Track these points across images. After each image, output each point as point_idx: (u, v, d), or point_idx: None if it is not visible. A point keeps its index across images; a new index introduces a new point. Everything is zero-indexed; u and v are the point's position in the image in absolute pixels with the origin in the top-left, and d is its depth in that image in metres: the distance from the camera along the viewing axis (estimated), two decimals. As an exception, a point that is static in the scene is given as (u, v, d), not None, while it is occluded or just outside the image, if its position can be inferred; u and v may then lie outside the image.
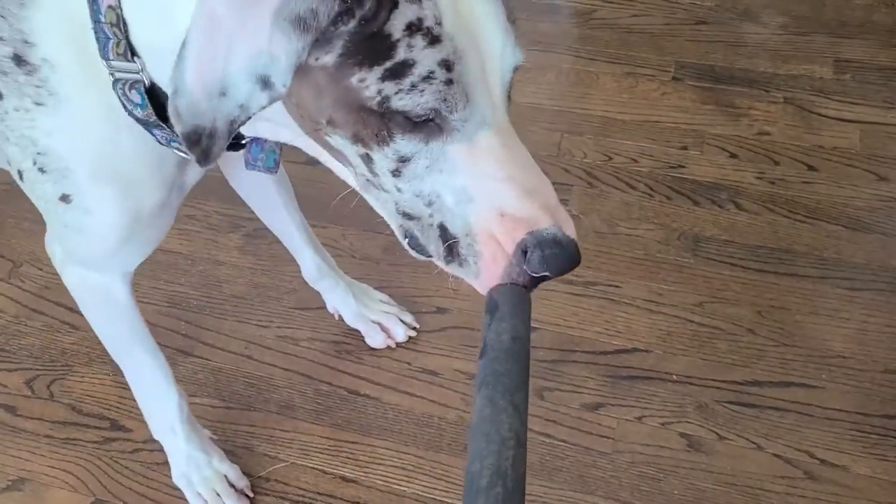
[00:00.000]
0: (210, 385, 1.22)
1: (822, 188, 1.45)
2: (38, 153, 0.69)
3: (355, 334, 1.27)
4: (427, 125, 0.57)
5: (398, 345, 1.26)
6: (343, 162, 0.64)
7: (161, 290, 1.35)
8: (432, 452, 1.14)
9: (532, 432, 1.16)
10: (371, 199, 0.66)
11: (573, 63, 1.71)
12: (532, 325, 1.34)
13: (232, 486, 1.10)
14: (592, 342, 1.25)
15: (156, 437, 1.10)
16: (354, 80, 0.55)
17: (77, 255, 0.85)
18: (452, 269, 0.63)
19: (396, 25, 0.53)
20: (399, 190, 0.61)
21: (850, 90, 1.62)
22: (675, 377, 1.21)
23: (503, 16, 0.58)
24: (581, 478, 1.11)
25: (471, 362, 1.23)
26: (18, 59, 0.65)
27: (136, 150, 0.71)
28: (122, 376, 1.23)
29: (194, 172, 0.82)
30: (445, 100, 0.55)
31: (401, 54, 0.54)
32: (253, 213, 1.46)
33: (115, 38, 0.62)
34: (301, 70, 0.54)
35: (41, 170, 0.70)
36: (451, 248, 0.61)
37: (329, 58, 0.54)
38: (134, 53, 0.62)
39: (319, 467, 1.14)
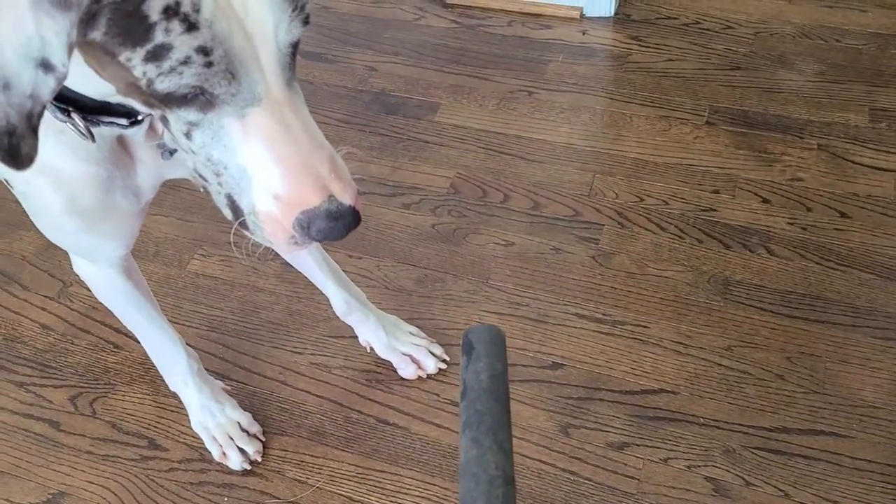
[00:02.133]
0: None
1: (855, 236, 1.45)
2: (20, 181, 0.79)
3: (386, 364, 1.30)
4: (198, 98, 0.60)
5: (428, 376, 1.28)
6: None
7: (201, 314, 1.40)
8: (458, 484, 1.16)
9: (556, 468, 1.17)
10: (176, 146, 0.68)
11: (608, 105, 1.75)
12: (559, 362, 1.37)
13: (245, 431, 1.21)
14: (619, 381, 1.26)
15: (172, 389, 1.21)
16: (122, 58, 0.57)
17: (61, 243, 0.93)
18: (244, 231, 0.68)
19: (154, 7, 0.55)
20: (193, 152, 0.64)
21: (886, 139, 1.62)
22: (702, 420, 1.21)
23: None
24: (605, 517, 1.12)
25: (499, 397, 1.25)
26: None
27: (57, 146, 0.75)
28: (162, 396, 1.28)
29: (148, 178, 0.85)
30: (207, 80, 0.58)
31: (159, 37, 0.55)
32: (292, 242, 1.51)
33: None
34: (81, 45, 0.56)
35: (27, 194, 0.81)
36: (240, 218, 0.67)
37: (97, 34, 0.56)
38: None
39: (347, 494, 1.16)
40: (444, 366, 1.28)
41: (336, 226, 0.64)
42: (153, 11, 0.55)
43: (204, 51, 0.56)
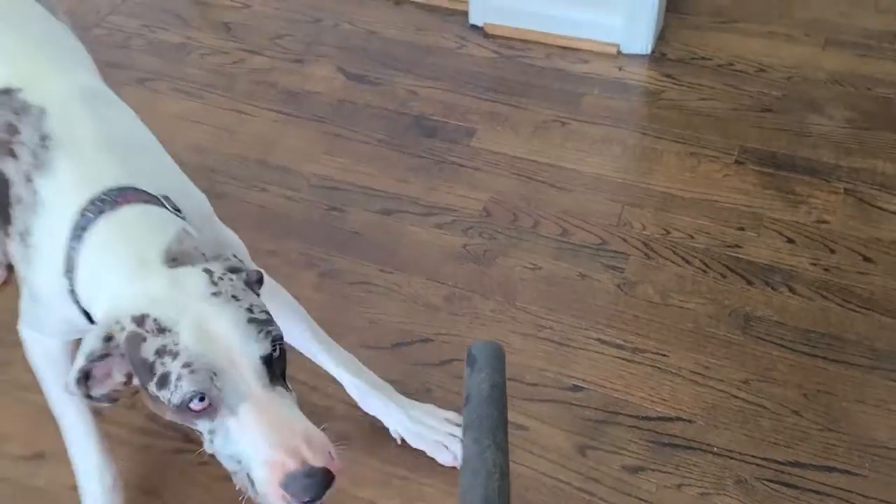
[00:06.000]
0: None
1: (877, 280, 1.48)
2: (23, 277, 1.05)
3: (413, 376, 1.35)
4: (208, 409, 0.82)
5: (449, 388, 1.33)
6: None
7: (238, 318, 1.46)
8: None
9: (572, 487, 1.21)
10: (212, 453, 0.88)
11: (639, 139, 1.80)
12: (579, 384, 1.41)
13: None
14: (637, 407, 1.30)
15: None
16: (150, 391, 0.83)
17: (31, 320, 1.13)
18: (255, 498, 0.86)
19: (149, 351, 0.81)
20: (220, 454, 0.86)
21: (913, 187, 1.65)
22: (716, 449, 1.24)
23: (241, 323, 0.83)
24: (617, 537, 1.15)
25: (520, 414, 1.29)
26: (22, 237, 0.99)
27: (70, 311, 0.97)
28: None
29: None
30: (196, 382, 0.80)
31: (159, 369, 0.81)
32: (329, 253, 1.58)
33: (67, 272, 0.93)
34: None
35: (23, 279, 1.05)
36: (256, 492, 0.85)
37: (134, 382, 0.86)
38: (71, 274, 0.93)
39: (369, 498, 1.21)
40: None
41: (311, 483, 0.81)
42: (149, 354, 0.81)
43: (188, 365, 0.80)
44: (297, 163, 1.77)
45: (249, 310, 0.85)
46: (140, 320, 0.82)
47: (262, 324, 0.85)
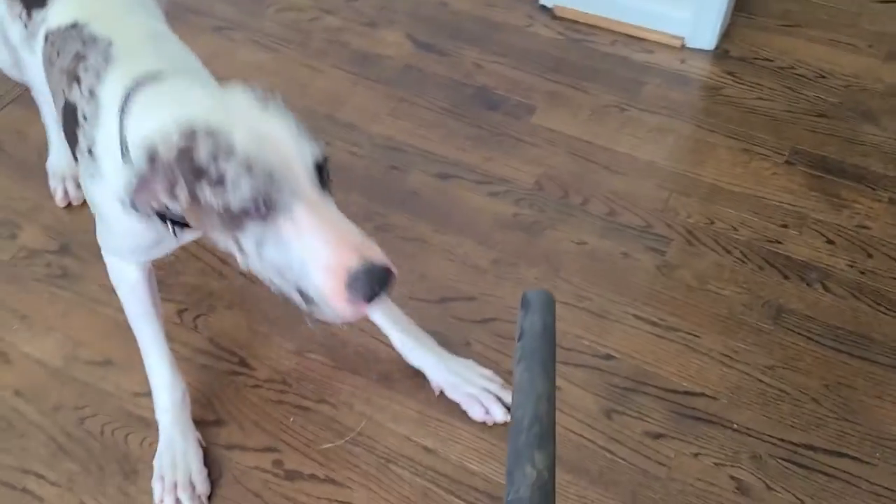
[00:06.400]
0: (326, 346, 1.42)
1: (911, 288, 1.53)
2: (92, 202, 1.12)
3: (455, 329, 1.44)
4: (260, 210, 0.80)
5: (488, 344, 1.41)
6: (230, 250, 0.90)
7: (297, 260, 1.57)
8: (506, 443, 1.29)
9: (595, 445, 1.29)
10: (253, 270, 0.88)
11: (693, 131, 1.85)
12: (612, 354, 1.49)
13: (193, 485, 1.22)
14: (665, 380, 1.38)
15: (156, 415, 1.28)
16: (201, 197, 0.81)
17: (111, 246, 1.22)
18: (315, 316, 0.86)
19: (201, 156, 0.80)
20: (265, 265, 0.85)
21: (958, 203, 1.68)
22: (735, 426, 1.31)
23: (292, 130, 0.84)
24: (633, 494, 1.24)
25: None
26: (90, 150, 1.03)
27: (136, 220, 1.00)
28: (255, 324, 1.45)
29: (187, 237, 1.09)
30: (255, 186, 0.79)
31: (214, 171, 0.80)
32: (386, 209, 1.67)
33: (124, 156, 0.95)
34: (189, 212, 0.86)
35: (93, 204, 1.13)
36: (309, 301, 0.85)
37: (184, 200, 0.84)
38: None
39: (405, 434, 1.31)
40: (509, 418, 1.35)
41: (374, 279, 0.81)
42: (203, 160, 0.81)
43: (245, 163, 0.80)
44: (362, 121, 1.86)
45: (297, 123, 0.85)
46: (188, 132, 0.81)
47: (311, 134, 0.85)
